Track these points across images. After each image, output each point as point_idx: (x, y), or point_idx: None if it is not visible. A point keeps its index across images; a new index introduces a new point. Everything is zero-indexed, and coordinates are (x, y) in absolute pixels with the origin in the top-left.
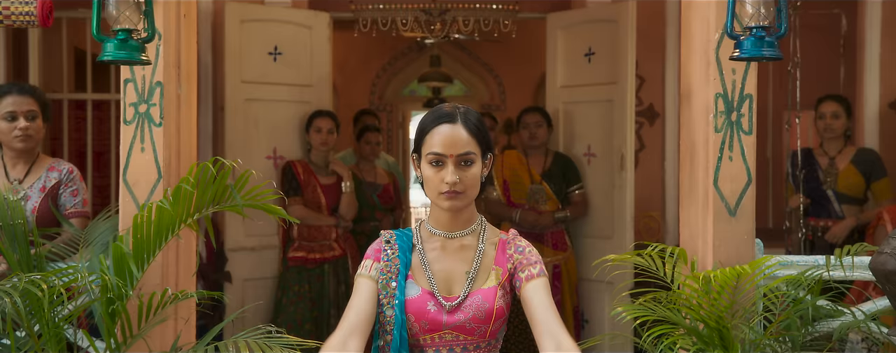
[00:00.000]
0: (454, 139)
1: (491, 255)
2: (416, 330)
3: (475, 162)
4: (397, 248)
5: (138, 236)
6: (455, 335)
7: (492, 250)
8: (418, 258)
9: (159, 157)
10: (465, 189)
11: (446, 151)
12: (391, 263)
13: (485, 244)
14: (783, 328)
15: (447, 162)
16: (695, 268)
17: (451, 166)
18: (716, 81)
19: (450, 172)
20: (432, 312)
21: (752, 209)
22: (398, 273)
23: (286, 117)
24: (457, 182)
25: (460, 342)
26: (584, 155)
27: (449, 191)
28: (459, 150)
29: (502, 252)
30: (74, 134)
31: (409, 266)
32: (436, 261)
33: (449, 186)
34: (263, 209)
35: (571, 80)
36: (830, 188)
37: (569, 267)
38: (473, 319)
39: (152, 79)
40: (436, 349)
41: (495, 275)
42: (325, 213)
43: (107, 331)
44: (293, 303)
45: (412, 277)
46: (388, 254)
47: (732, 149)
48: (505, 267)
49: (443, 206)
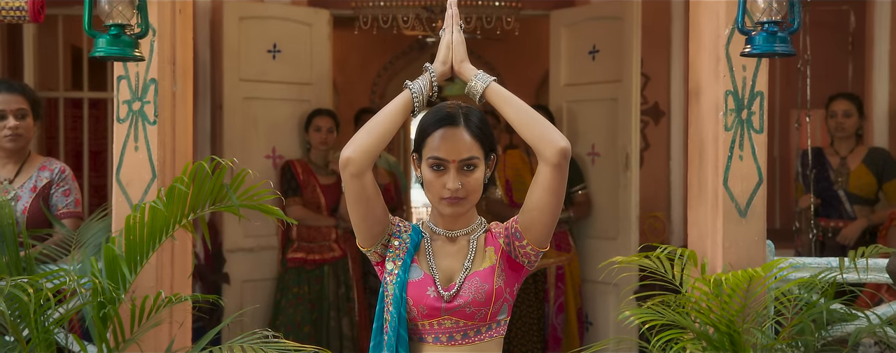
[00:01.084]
0: (456, 144)
1: (482, 240)
2: (415, 315)
3: (478, 166)
4: (407, 233)
5: (131, 237)
6: (455, 321)
7: (483, 237)
8: (424, 246)
9: (154, 156)
10: (467, 195)
11: (448, 156)
12: (402, 241)
13: (477, 239)
14: (796, 332)
15: (449, 167)
16: (705, 270)
17: (452, 172)
18: (726, 78)
19: (451, 178)
20: (431, 298)
21: (764, 210)
22: (407, 251)
23: (285, 116)
24: (459, 189)
25: (460, 329)
26: (587, 154)
27: (451, 197)
28: (462, 155)
29: (493, 237)
30: (71, 133)
31: (417, 249)
32: (438, 256)
33: (451, 192)
34: (260, 210)
35: (575, 78)
36: (841, 188)
37: (572, 268)
38: (473, 302)
39: (146, 76)
40: (435, 336)
41: (489, 255)
42: (324, 213)
43: (98, 336)
44: (292, 305)
45: (417, 261)
46: (400, 232)
47: (743, 148)
48: (497, 245)
49: (444, 211)
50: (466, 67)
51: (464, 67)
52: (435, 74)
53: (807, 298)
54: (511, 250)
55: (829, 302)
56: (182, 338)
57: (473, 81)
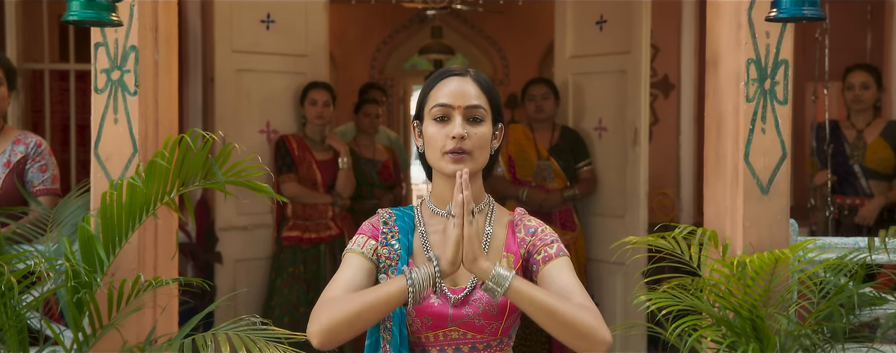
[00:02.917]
0: (463, 91)
1: (501, 238)
2: (418, 327)
3: (485, 120)
4: (397, 230)
5: (108, 216)
6: (462, 333)
7: (502, 232)
8: (420, 241)
9: (135, 129)
10: (473, 149)
11: (454, 101)
12: (391, 248)
13: (494, 227)
14: (823, 317)
15: (454, 115)
16: (727, 251)
17: (458, 118)
18: (748, 46)
19: (457, 124)
20: (436, 306)
21: (787, 187)
22: (399, 259)
23: (280, 89)
24: (464, 136)
25: (468, 341)
26: (594, 129)
27: (455, 149)
28: (468, 101)
29: (513, 235)
30: (57, 106)
31: (410, 251)
32: (439, 245)
33: (455, 140)
34: (248, 186)
35: (581, 49)
36: (857, 163)
37: (578, 248)
38: (484, 315)
39: (126, 43)
40: (440, 349)
41: (507, 262)
42: (320, 190)
43: (73, 322)
44: (287, 285)
45: (413, 264)
46: (386, 237)
47: (765, 120)
48: (517, 253)
49: (447, 169)
50: (480, 266)
51: (476, 267)
52: (440, 273)
53: (834, 281)
54: (525, 263)
55: (858, 285)
56: (166, 323)
57: (488, 283)
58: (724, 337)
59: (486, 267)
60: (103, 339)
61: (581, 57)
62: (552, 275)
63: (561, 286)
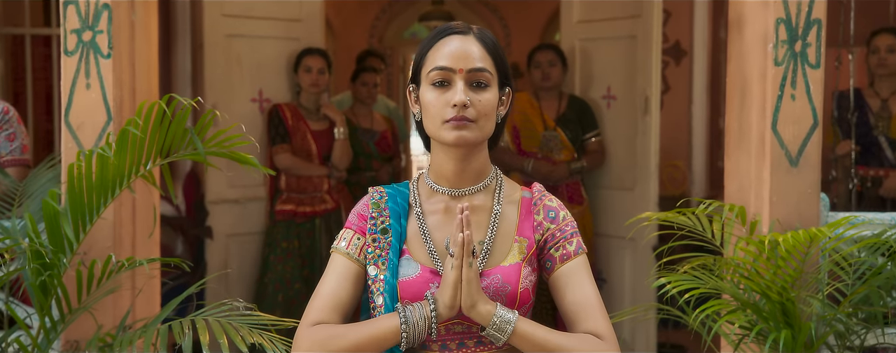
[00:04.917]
0: (465, 52)
1: (512, 219)
2: None
3: (491, 85)
4: (389, 212)
5: (76, 190)
6: (466, 326)
7: (513, 211)
8: (416, 225)
9: (108, 95)
10: (477, 117)
11: (454, 64)
12: (380, 236)
13: (502, 205)
14: (858, 300)
15: (455, 79)
16: (755, 229)
17: (460, 84)
18: (777, 5)
19: (459, 89)
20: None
21: (818, 158)
22: (390, 247)
23: (273, 56)
24: (466, 104)
25: (473, 335)
26: (602, 98)
27: (456, 117)
28: (471, 64)
29: (527, 215)
30: (40, 74)
31: (403, 238)
32: (438, 228)
33: (456, 108)
34: (231, 158)
35: (589, 14)
36: (882, 134)
37: (585, 222)
38: None
39: (98, 1)
40: (442, 344)
41: (519, 248)
42: (315, 162)
43: (38, 305)
44: (281, 260)
45: (408, 251)
46: (375, 223)
47: (795, 86)
48: (531, 237)
49: (447, 138)
50: (480, 311)
51: (476, 312)
52: (436, 316)
53: (871, 260)
54: (540, 251)
55: None
56: (148, 306)
57: (490, 330)
58: (752, 323)
59: (487, 312)
60: (80, 323)
61: (588, 22)
62: (568, 284)
63: (575, 302)
